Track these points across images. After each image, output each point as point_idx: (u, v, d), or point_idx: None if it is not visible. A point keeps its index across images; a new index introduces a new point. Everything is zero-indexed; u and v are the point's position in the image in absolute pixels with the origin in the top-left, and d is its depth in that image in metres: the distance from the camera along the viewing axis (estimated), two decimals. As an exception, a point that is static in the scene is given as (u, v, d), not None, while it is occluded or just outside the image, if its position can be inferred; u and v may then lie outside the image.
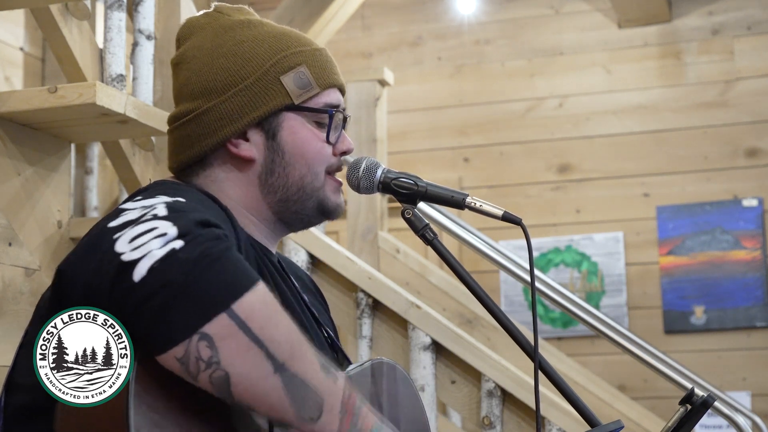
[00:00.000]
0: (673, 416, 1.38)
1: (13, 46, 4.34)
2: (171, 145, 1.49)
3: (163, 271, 1.08)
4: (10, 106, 2.23)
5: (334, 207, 1.50)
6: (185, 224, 1.13)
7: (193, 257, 1.09)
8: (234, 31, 1.47)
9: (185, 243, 1.10)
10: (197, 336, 1.08)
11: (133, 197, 1.25)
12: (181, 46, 1.51)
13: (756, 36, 5.34)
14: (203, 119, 1.44)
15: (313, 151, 1.46)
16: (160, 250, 1.09)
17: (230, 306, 1.09)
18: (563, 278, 5.37)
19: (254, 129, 1.44)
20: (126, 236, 1.11)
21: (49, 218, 2.41)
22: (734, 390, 4.98)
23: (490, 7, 5.77)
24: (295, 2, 4.57)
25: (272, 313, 1.14)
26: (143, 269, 1.08)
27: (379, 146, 4.18)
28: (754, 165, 5.22)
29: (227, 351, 1.09)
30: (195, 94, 1.45)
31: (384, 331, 3.01)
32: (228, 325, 1.09)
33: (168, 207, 1.16)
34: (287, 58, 1.45)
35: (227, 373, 1.09)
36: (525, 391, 2.82)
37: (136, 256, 1.09)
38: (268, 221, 1.48)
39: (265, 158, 1.45)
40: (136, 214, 1.15)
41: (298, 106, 1.45)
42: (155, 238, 1.10)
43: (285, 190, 1.46)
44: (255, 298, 1.12)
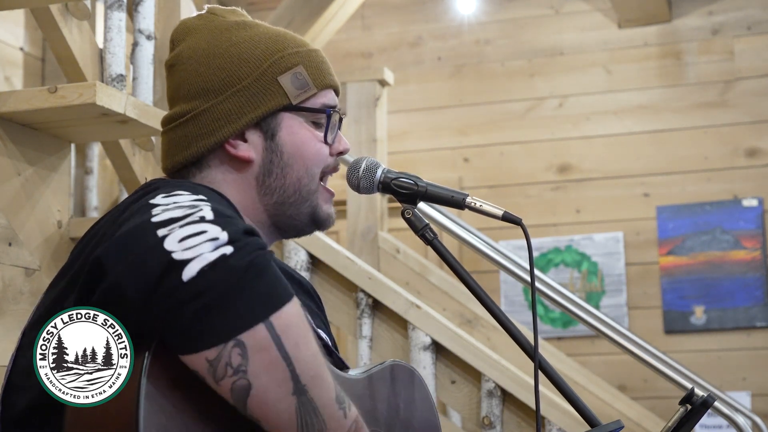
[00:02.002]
0: (673, 416, 1.38)
1: (13, 46, 4.34)
2: (166, 146, 1.49)
3: (213, 275, 1.09)
4: (10, 106, 2.23)
5: (326, 216, 1.49)
6: (235, 231, 1.14)
7: (242, 265, 1.11)
8: (230, 32, 1.47)
9: (235, 250, 1.12)
10: (233, 342, 1.09)
11: (154, 193, 1.23)
12: (176, 47, 1.51)
13: (756, 36, 5.34)
14: (201, 120, 1.43)
15: (312, 151, 1.46)
16: (211, 254, 1.10)
17: (269, 318, 1.11)
18: (563, 278, 5.37)
19: (252, 129, 1.44)
20: (175, 235, 1.12)
21: (49, 218, 2.41)
22: (734, 390, 4.98)
23: (490, 7, 5.77)
24: (295, 2, 4.57)
25: (305, 332, 1.16)
26: (194, 270, 1.09)
27: (379, 146, 4.18)
28: (754, 165, 5.22)
29: (257, 363, 1.10)
30: (192, 94, 1.45)
31: (384, 331, 3.01)
32: (264, 337, 1.11)
33: (214, 211, 1.17)
34: (284, 59, 1.45)
35: (250, 384, 1.11)
36: (525, 391, 2.82)
37: (188, 257, 1.09)
38: (263, 225, 1.47)
39: (264, 159, 1.44)
40: (179, 213, 1.15)
41: (296, 106, 1.45)
42: (207, 242, 1.11)
43: (282, 191, 1.45)
44: (292, 312, 1.14)
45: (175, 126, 1.46)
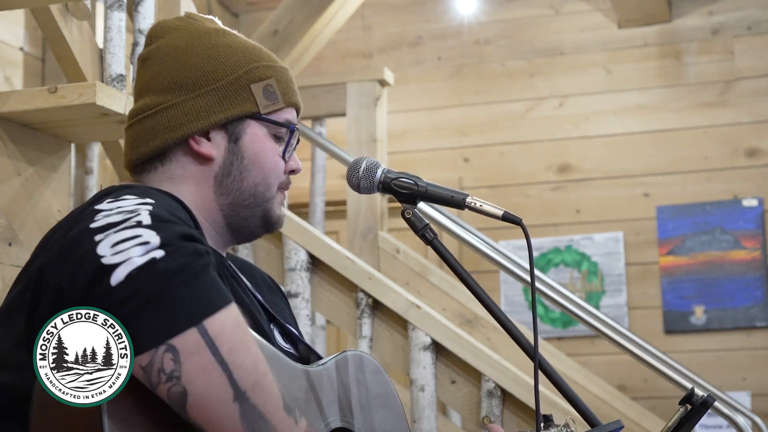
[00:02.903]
0: (673, 416, 1.38)
1: (13, 46, 4.34)
2: (131, 139, 1.51)
3: (141, 279, 1.09)
4: (10, 106, 2.23)
5: (276, 219, 1.53)
6: (168, 235, 1.14)
7: (172, 269, 1.10)
8: (209, 36, 1.51)
9: (166, 254, 1.11)
10: (164, 347, 1.09)
11: (102, 198, 1.25)
12: (153, 43, 1.54)
13: (756, 36, 5.33)
14: (170, 113, 1.46)
15: (270, 163, 1.50)
16: (140, 258, 1.10)
17: (201, 322, 1.10)
18: (563, 278, 5.37)
19: (218, 130, 1.48)
20: (109, 240, 1.12)
21: (49, 218, 2.41)
22: (734, 390, 4.97)
23: (490, 7, 5.77)
24: (295, 2, 4.56)
25: (242, 337, 1.14)
26: (121, 275, 1.09)
27: (379, 146, 4.18)
28: (754, 165, 5.22)
29: (190, 368, 1.09)
30: (164, 88, 1.48)
31: (384, 331, 3.01)
32: (196, 341, 1.09)
33: (152, 215, 1.17)
34: (258, 69, 1.50)
35: (185, 390, 1.10)
36: (525, 391, 2.82)
37: (116, 261, 1.10)
38: (217, 225, 1.50)
39: (224, 160, 1.48)
40: (117, 218, 1.16)
41: (263, 116, 1.49)
42: (137, 246, 1.11)
43: (238, 194, 1.48)
44: (227, 318, 1.12)
45: (143, 118, 1.48)
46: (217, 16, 1.88)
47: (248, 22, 5.99)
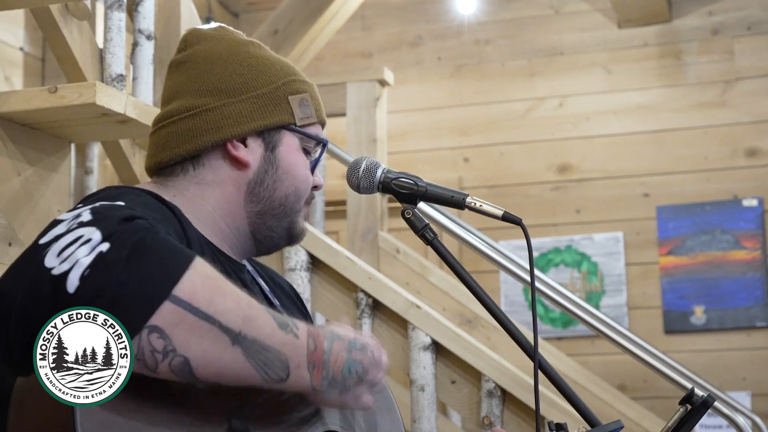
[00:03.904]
0: (673, 416, 1.38)
1: (13, 46, 4.34)
2: (161, 140, 1.50)
3: (95, 277, 1.09)
4: (10, 106, 2.23)
5: (300, 231, 1.54)
6: (108, 225, 1.13)
7: (122, 257, 1.10)
8: (247, 47, 1.54)
9: (111, 244, 1.11)
10: (146, 330, 1.09)
11: (74, 208, 1.25)
12: (188, 48, 1.54)
13: (756, 36, 5.33)
14: (209, 116, 1.47)
15: (303, 174, 1.51)
16: (87, 258, 1.10)
17: (171, 292, 1.10)
18: (563, 278, 5.37)
19: (255, 137, 1.48)
20: (54, 249, 1.12)
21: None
22: (734, 390, 4.98)
23: (490, 7, 5.77)
24: (295, 2, 4.57)
25: (216, 285, 1.15)
26: (75, 279, 1.08)
27: (379, 146, 4.18)
28: (754, 165, 5.22)
29: (180, 336, 1.10)
30: (203, 91, 1.48)
31: (384, 331, 3.01)
32: (174, 311, 1.10)
33: (92, 211, 1.17)
34: (296, 83, 1.52)
35: (186, 357, 1.11)
36: (525, 391, 2.82)
37: (66, 268, 1.09)
38: (240, 232, 1.50)
39: (260, 167, 1.48)
40: (62, 228, 1.16)
41: (298, 128, 1.50)
42: (81, 246, 1.11)
43: (269, 203, 1.49)
44: (194, 275, 1.13)
45: (178, 120, 1.48)
46: (217, 16, 1.88)
47: (248, 22, 5.98)
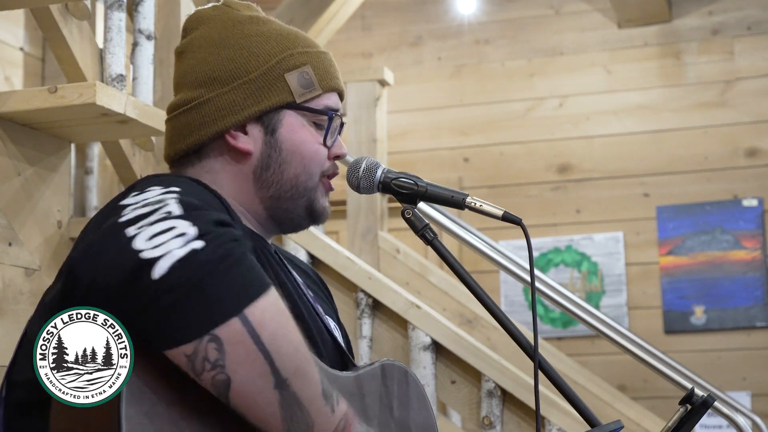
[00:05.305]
0: (673, 416, 1.38)
1: (13, 46, 4.34)
2: (169, 134, 1.50)
3: (183, 271, 1.08)
4: (10, 106, 2.23)
5: (322, 210, 1.51)
6: (204, 224, 1.14)
7: (213, 259, 1.10)
8: (242, 25, 1.49)
9: (205, 244, 1.11)
10: (208, 337, 1.09)
11: (128, 193, 1.25)
12: (188, 35, 1.53)
13: (756, 36, 5.33)
14: (204, 109, 1.45)
15: (311, 151, 1.47)
16: (180, 250, 1.10)
17: (243, 311, 1.10)
18: (563, 278, 5.37)
19: (254, 123, 1.46)
20: (144, 234, 1.11)
21: (49, 218, 2.41)
22: (734, 390, 4.98)
23: (490, 7, 5.77)
24: (295, 2, 4.57)
25: (283, 323, 1.15)
26: (163, 267, 1.08)
27: (379, 146, 4.18)
28: (754, 165, 5.22)
29: (234, 357, 1.10)
30: (197, 82, 1.47)
31: (384, 331, 3.01)
32: (239, 330, 1.10)
33: (182, 204, 1.17)
34: (293, 57, 1.47)
35: (229, 378, 1.11)
36: (525, 391, 2.82)
37: (157, 254, 1.09)
38: (259, 216, 1.49)
39: (262, 153, 1.46)
40: (145, 210, 1.15)
41: (299, 105, 1.47)
42: (175, 238, 1.11)
43: (279, 186, 1.47)
44: (268, 304, 1.13)
45: (179, 113, 1.48)
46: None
47: (248, 22, 5.98)
